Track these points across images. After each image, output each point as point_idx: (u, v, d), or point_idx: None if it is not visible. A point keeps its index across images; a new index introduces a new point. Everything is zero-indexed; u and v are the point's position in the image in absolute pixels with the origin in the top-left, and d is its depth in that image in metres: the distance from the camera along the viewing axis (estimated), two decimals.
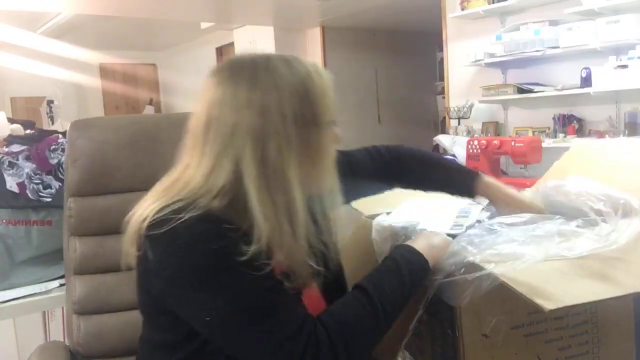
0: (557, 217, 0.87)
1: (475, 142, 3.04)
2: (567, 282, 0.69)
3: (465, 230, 0.93)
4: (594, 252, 0.74)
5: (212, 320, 0.75)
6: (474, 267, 0.75)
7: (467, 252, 0.79)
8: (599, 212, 0.83)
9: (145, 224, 0.78)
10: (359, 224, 1.21)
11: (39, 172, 1.58)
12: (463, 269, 0.76)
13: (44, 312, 1.86)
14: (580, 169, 1.20)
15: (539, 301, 0.63)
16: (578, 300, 0.65)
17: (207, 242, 0.75)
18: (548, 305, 0.62)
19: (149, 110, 7.30)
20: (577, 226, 0.82)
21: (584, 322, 0.82)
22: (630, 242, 0.76)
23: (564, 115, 3.31)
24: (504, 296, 0.76)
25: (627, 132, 3.00)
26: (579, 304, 0.74)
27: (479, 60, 3.52)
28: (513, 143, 2.87)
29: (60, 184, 1.56)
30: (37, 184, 1.56)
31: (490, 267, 0.74)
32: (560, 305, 0.62)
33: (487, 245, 0.79)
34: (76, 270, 1.25)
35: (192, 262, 0.75)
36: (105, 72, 7.09)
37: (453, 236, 0.90)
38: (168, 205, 0.78)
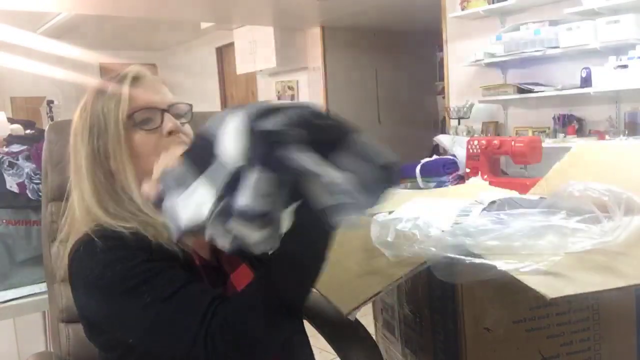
0: (562, 211, 0.87)
1: (475, 142, 3.03)
2: (570, 274, 0.69)
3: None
4: (598, 246, 0.74)
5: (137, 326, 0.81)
6: (475, 256, 0.75)
7: (470, 241, 0.79)
8: (603, 207, 0.83)
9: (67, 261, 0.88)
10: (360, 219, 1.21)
11: (39, 172, 1.57)
12: (464, 257, 0.76)
13: (44, 314, 1.85)
14: (581, 169, 1.20)
15: (541, 290, 0.63)
16: (580, 290, 0.65)
17: (99, 263, 0.83)
18: (550, 293, 0.62)
19: None
20: (579, 221, 0.82)
21: (586, 318, 0.82)
22: (633, 237, 0.76)
23: (564, 115, 3.31)
24: (505, 289, 0.76)
25: (627, 132, 3.00)
26: (581, 298, 0.74)
27: (479, 60, 3.52)
28: (513, 143, 2.86)
29: None
30: (37, 184, 1.55)
31: (491, 257, 0.74)
32: (562, 294, 0.62)
33: (491, 235, 0.79)
34: (62, 277, 1.22)
35: (101, 285, 0.82)
36: (105, 72, 7.09)
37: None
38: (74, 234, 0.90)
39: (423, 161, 3.35)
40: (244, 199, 0.73)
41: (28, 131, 2.02)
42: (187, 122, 0.96)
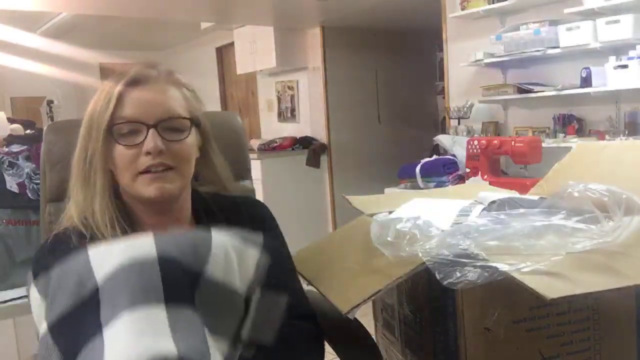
0: (562, 211, 0.87)
1: (475, 142, 3.04)
2: (570, 274, 0.69)
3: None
4: (598, 246, 0.75)
5: None
6: (475, 256, 0.75)
7: (470, 241, 0.79)
8: (602, 207, 0.83)
9: None
10: (360, 219, 1.21)
11: (39, 172, 1.57)
12: (463, 258, 0.76)
13: None
14: (581, 169, 1.20)
15: (541, 290, 0.63)
16: (580, 290, 0.65)
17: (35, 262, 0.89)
18: (550, 294, 0.62)
19: None
20: (579, 221, 0.82)
21: (585, 318, 0.83)
22: (633, 237, 0.76)
23: (564, 115, 3.31)
24: (505, 289, 0.76)
25: (627, 132, 3.00)
26: (581, 298, 0.74)
27: (479, 60, 3.52)
28: (513, 143, 2.87)
29: None
30: (37, 184, 1.56)
31: (491, 258, 0.74)
32: (562, 294, 0.63)
33: (491, 235, 0.79)
34: None
35: None
36: (105, 72, 7.09)
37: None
38: None
39: (423, 161, 3.37)
40: None
41: (28, 131, 2.02)
42: (185, 138, 0.90)
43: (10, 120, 2.23)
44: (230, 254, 0.77)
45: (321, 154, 5.31)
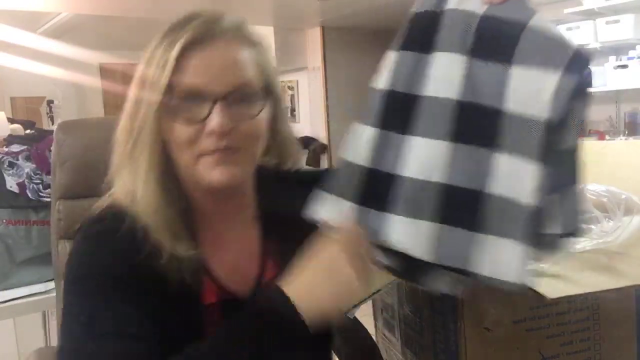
0: None
1: None
2: (570, 274, 0.69)
3: None
4: (598, 246, 0.75)
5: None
6: None
7: None
8: (602, 207, 0.84)
9: None
10: None
11: (39, 172, 1.58)
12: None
13: (44, 312, 1.86)
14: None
15: (541, 290, 0.63)
16: (580, 290, 0.65)
17: (79, 251, 0.72)
18: (550, 293, 0.62)
19: None
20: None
21: (586, 318, 0.83)
22: (633, 237, 0.77)
23: None
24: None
25: (627, 132, 3.00)
26: (581, 298, 0.74)
27: None
28: None
29: None
30: (37, 184, 1.56)
31: None
32: (562, 294, 0.63)
33: None
34: None
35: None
36: (105, 72, 7.09)
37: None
38: None
39: None
40: None
41: (28, 131, 2.02)
42: (257, 115, 0.71)
43: (10, 120, 2.23)
44: None
45: (321, 154, 5.31)
